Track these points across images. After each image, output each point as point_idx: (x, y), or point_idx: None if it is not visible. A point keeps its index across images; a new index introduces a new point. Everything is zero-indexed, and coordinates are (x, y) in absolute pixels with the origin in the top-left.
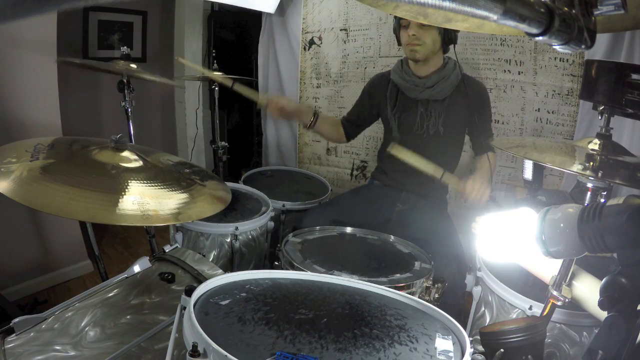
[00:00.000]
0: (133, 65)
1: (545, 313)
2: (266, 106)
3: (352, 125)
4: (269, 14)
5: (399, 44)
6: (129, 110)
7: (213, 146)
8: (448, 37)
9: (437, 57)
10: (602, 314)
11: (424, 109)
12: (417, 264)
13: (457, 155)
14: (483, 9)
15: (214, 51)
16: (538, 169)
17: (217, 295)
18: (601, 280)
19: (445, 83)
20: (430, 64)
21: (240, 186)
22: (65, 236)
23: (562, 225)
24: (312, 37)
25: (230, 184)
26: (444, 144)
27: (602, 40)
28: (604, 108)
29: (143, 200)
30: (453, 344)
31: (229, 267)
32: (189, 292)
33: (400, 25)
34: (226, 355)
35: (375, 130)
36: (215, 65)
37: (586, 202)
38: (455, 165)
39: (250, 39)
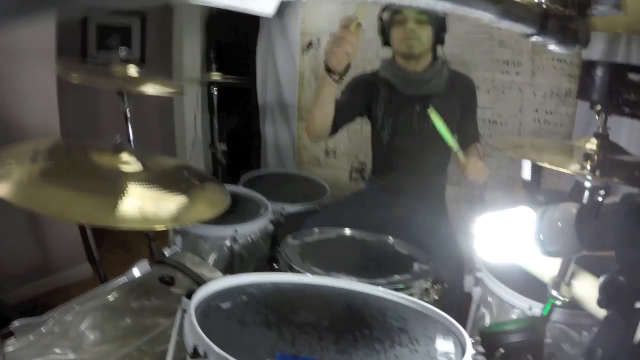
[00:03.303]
0: (132, 71)
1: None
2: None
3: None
4: (267, 17)
5: (385, 43)
6: (128, 113)
7: (212, 149)
8: (438, 37)
9: (428, 56)
10: (602, 313)
11: (421, 106)
12: (416, 265)
13: (449, 153)
14: (478, 10)
15: (212, 54)
16: (536, 169)
17: (217, 298)
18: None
19: (440, 77)
20: (422, 61)
21: (240, 189)
22: (64, 239)
23: (559, 224)
24: (311, 40)
25: (229, 187)
26: (439, 142)
27: (600, 40)
28: (601, 108)
29: (142, 203)
30: (454, 346)
31: (228, 270)
32: (189, 295)
33: (392, 22)
34: (227, 358)
35: None
36: (214, 68)
37: (584, 202)
38: (449, 162)
39: (248, 41)
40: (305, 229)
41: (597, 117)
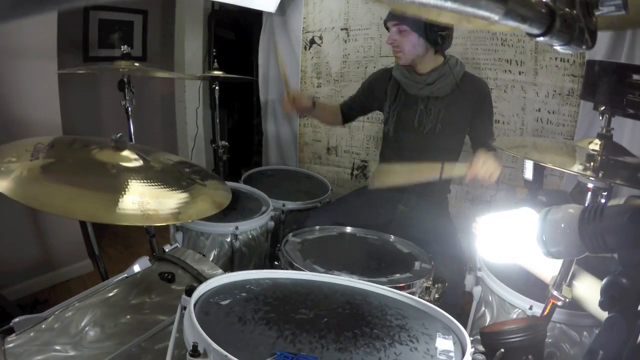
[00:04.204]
0: (136, 64)
1: (545, 313)
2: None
3: (351, 110)
4: (269, 14)
5: None
6: (129, 109)
7: (213, 145)
8: (433, 39)
9: (430, 58)
10: (603, 314)
11: (424, 106)
12: (417, 264)
13: (456, 155)
14: (484, 10)
15: (214, 50)
16: (538, 169)
17: (217, 295)
18: (601, 280)
19: (446, 80)
20: (425, 64)
21: (241, 186)
22: (65, 235)
23: (562, 225)
24: (313, 37)
25: (230, 184)
26: (442, 142)
27: (603, 40)
28: (605, 108)
29: (143, 200)
30: (454, 344)
31: (229, 266)
32: (189, 292)
33: (388, 29)
34: (226, 355)
35: (375, 130)
36: (216, 64)
37: (587, 203)
38: (455, 163)
39: (250, 38)
40: (306, 227)
41: (600, 118)
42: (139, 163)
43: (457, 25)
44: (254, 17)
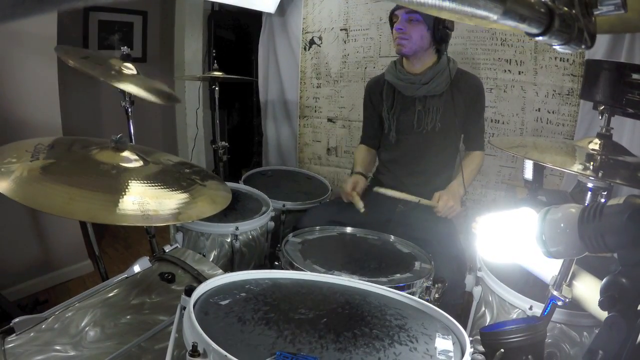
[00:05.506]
0: (130, 67)
1: (545, 313)
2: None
3: (374, 138)
4: (269, 14)
5: None
6: (129, 110)
7: (213, 146)
8: (438, 35)
9: (429, 55)
10: (603, 314)
11: (422, 106)
12: (417, 264)
13: (455, 152)
14: (483, 9)
15: (214, 51)
16: (538, 169)
17: (217, 295)
18: (601, 280)
19: (441, 78)
20: (422, 61)
21: (241, 186)
22: (65, 236)
23: (562, 225)
24: (313, 37)
25: (230, 184)
26: (443, 141)
27: (603, 40)
28: (605, 108)
29: (143, 201)
30: (453, 344)
31: (229, 267)
32: (188, 292)
33: (392, 22)
34: (226, 355)
35: None
36: (216, 65)
37: (586, 202)
38: (454, 162)
39: (250, 39)
40: (304, 224)
41: (600, 117)
42: (139, 164)
43: (458, 20)
44: (254, 17)
